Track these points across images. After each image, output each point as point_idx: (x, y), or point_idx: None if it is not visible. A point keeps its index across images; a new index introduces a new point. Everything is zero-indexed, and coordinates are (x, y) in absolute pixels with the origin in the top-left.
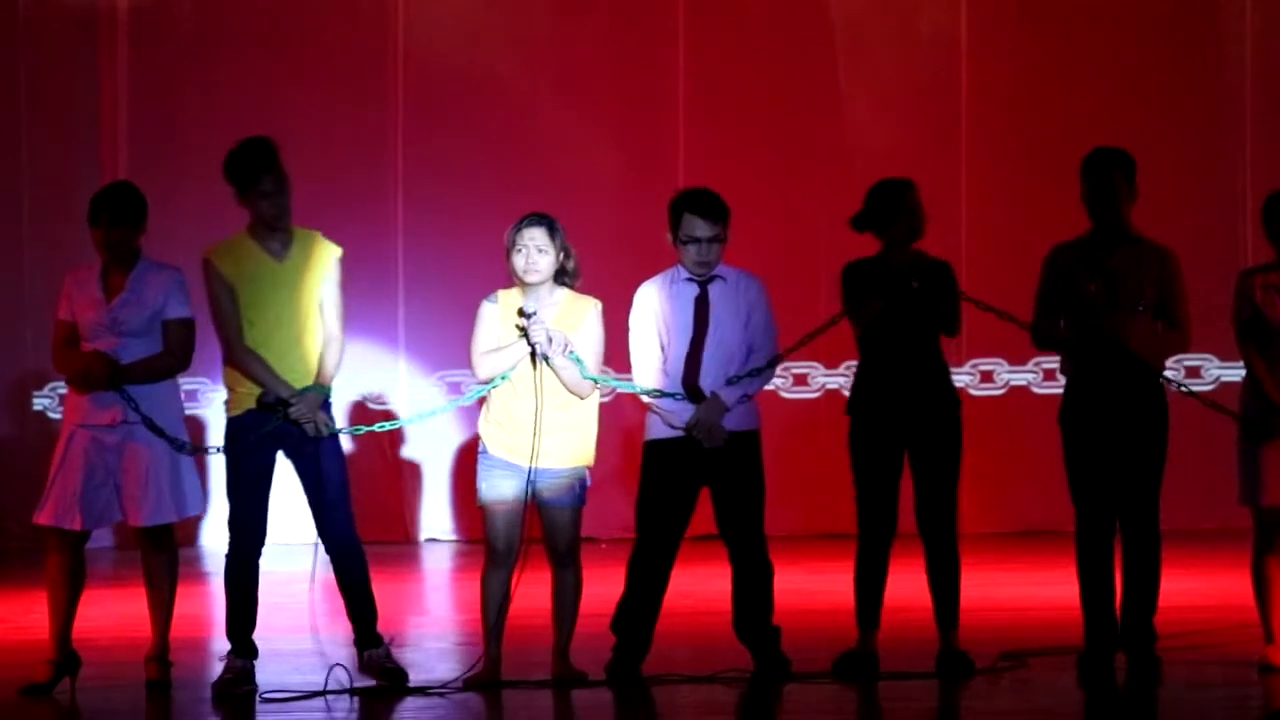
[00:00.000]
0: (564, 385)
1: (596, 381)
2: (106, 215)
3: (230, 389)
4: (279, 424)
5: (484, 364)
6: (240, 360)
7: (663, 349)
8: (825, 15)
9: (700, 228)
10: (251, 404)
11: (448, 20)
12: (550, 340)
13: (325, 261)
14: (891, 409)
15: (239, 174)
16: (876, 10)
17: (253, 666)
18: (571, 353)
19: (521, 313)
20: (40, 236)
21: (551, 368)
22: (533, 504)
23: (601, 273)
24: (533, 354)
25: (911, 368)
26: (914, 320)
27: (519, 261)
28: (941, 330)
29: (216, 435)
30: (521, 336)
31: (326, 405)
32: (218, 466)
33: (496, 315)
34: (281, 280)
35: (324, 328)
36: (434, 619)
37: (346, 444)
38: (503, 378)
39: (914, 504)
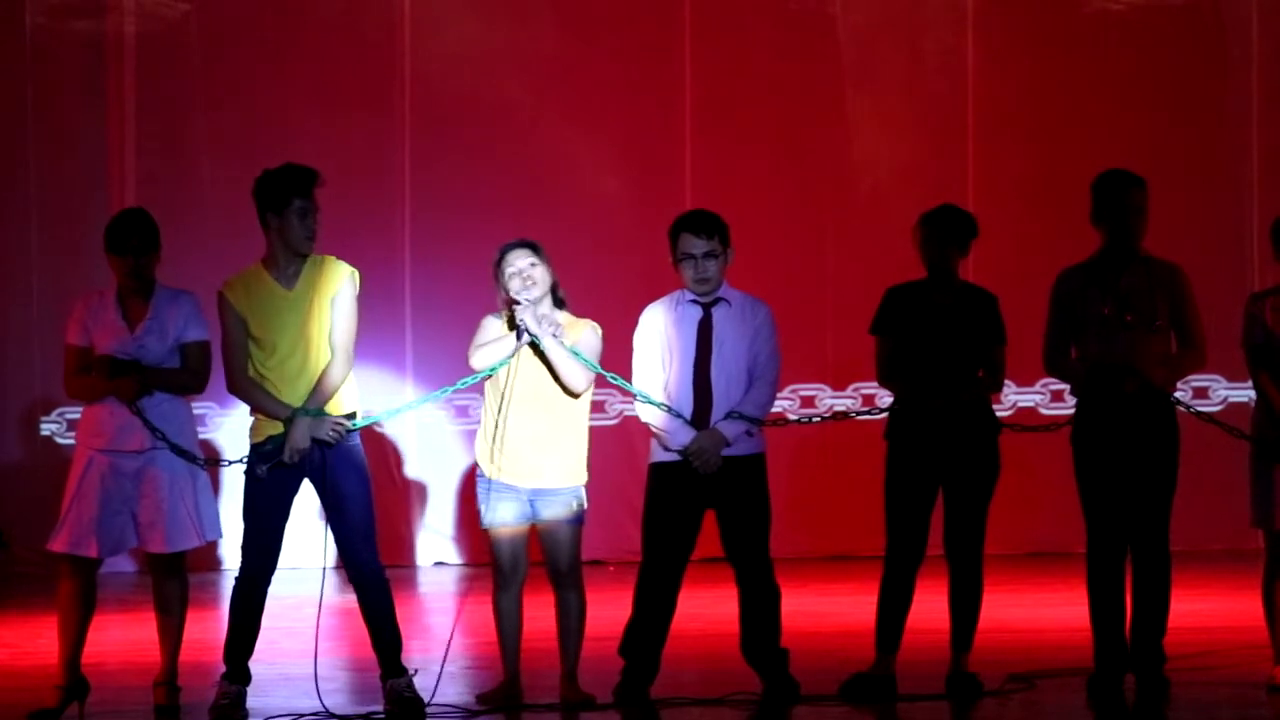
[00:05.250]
0: (559, 380)
1: (594, 369)
2: (137, 241)
3: (252, 415)
4: (277, 467)
5: (477, 355)
6: (241, 390)
7: (665, 370)
8: (832, 37)
9: (694, 244)
10: (273, 431)
11: (454, 44)
12: (541, 322)
13: (336, 283)
14: (931, 437)
15: (277, 191)
16: (883, 32)
17: (245, 693)
18: (574, 350)
19: (515, 302)
20: (48, 262)
21: (544, 353)
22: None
23: (608, 294)
24: (529, 344)
25: (950, 395)
26: (954, 348)
27: (514, 284)
28: (987, 388)
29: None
30: (512, 330)
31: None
32: (237, 491)
33: (499, 329)
34: (290, 308)
35: (331, 343)
36: (439, 643)
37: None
38: (490, 370)
39: (944, 527)
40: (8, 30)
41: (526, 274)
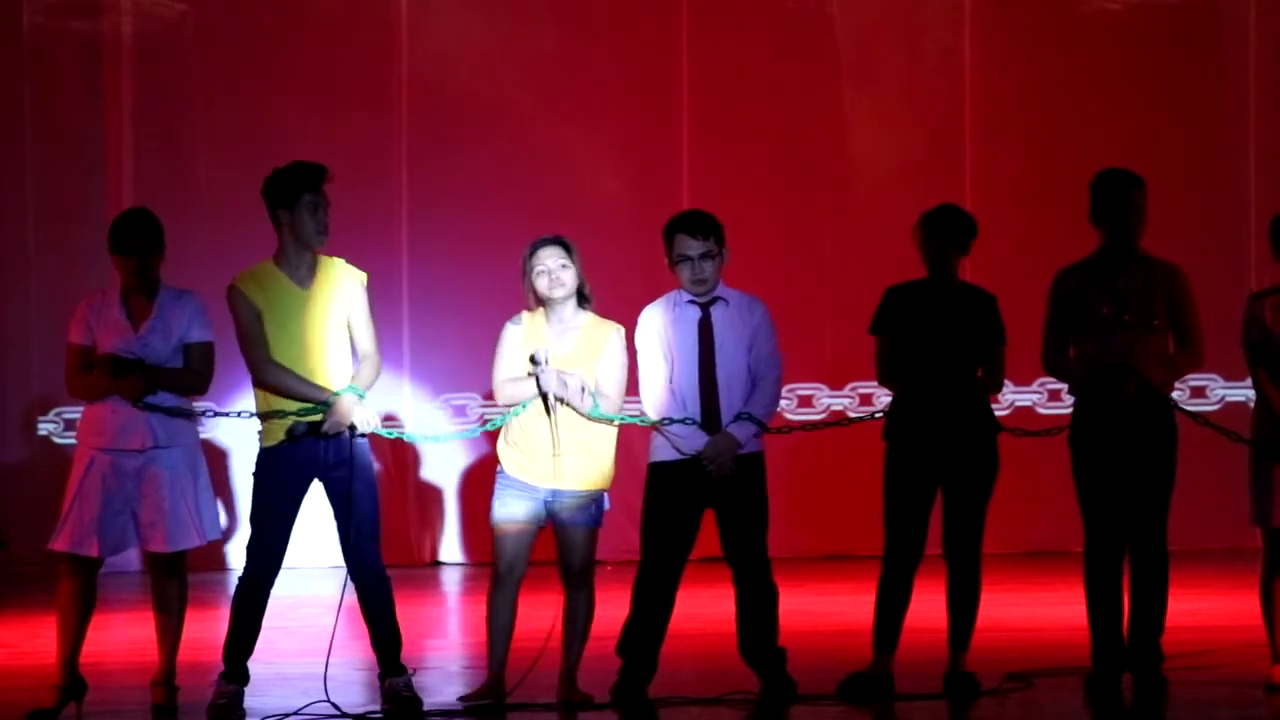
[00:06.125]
0: (584, 418)
1: (612, 420)
2: (141, 241)
3: (264, 419)
4: (310, 436)
5: (503, 391)
6: (269, 376)
7: (668, 369)
8: (830, 37)
9: (690, 245)
10: (284, 434)
11: (452, 44)
12: (565, 384)
13: (349, 287)
14: (930, 437)
15: (287, 187)
16: (881, 32)
17: (243, 693)
18: (594, 399)
19: (533, 360)
20: (46, 262)
21: (569, 406)
22: (548, 524)
23: (605, 295)
24: (544, 397)
25: (949, 395)
26: (953, 348)
27: (542, 283)
28: (986, 388)
29: (217, 456)
30: (533, 376)
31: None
32: (245, 491)
33: (520, 337)
34: (305, 307)
35: (357, 348)
36: (442, 642)
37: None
38: (523, 406)
39: (942, 527)
40: (5, 30)
41: (555, 275)
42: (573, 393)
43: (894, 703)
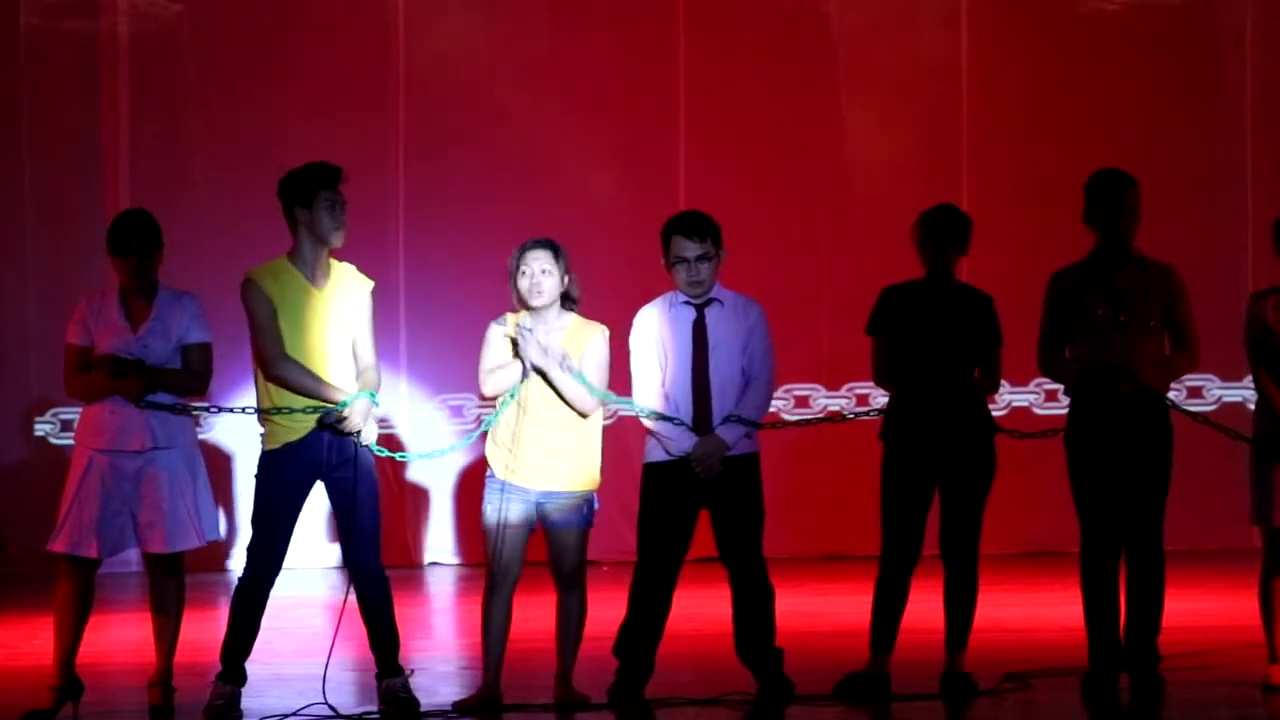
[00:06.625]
0: (567, 403)
1: (603, 399)
2: (139, 242)
3: (267, 421)
4: (329, 429)
5: (488, 381)
6: (284, 370)
7: (662, 371)
8: (827, 39)
9: (687, 247)
10: (289, 437)
11: (449, 44)
12: (546, 353)
13: (358, 292)
14: (927, 438)
15: (304, 186)
16: (878, 33)
17: (240, 694)
18: (578, 373)
19: (518, 327)
20: (44, 262)
21: (550, 383)
22: (539, 526)
23: (601, 295)
24: (527, 370)
25: (946, 396)
26: (950, 349)
27: (523, 285)
28: (983, 389)
29: (220, 460)
30: (516, 355)
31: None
32: (247, 495)
33: (504, 336)
34: (317, 307)
35: (359, 358)
36: (437, 643)
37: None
38: (511, 396)
39: (939, 527)
40: (2, 31)
41: (536, 280)
42: (552, 360)
43: (891, 703)
